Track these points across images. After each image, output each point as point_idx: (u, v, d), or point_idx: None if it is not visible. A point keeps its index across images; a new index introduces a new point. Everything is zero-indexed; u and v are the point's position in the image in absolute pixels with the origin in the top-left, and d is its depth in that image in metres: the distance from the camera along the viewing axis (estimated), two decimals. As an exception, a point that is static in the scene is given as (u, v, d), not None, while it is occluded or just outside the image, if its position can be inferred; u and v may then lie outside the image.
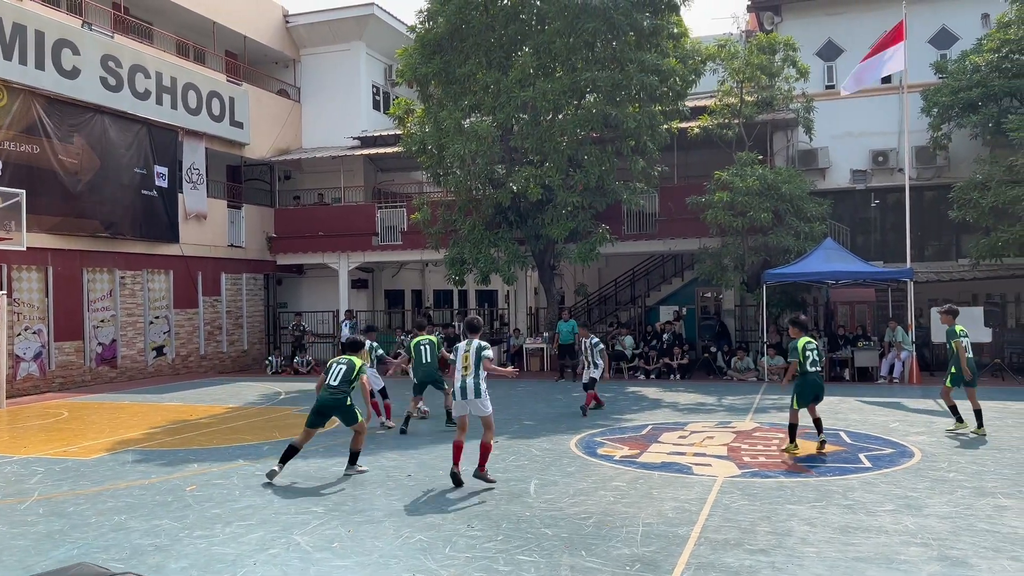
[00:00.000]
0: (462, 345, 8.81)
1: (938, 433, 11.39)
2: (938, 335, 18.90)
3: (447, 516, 7.33)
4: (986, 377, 18.34)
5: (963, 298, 21.49)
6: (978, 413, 11.17)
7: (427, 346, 12.73)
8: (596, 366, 13.96)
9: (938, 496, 7.79)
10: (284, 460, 9.07)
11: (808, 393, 10.16)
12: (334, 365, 9.59)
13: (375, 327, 16.20)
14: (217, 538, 6.81)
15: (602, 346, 14.35)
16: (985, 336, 18.42)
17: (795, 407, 10.15)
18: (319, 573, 5.92)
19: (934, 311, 19.14)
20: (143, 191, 21.74)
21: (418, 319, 12.38)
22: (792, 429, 10.13)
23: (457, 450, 8.65)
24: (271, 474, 8.94)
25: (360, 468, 9.41)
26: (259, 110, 26.21)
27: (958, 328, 11.50)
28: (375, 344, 13.31)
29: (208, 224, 24.22)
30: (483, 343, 8.76)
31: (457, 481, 8.44)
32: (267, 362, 24.14)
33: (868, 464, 9.36)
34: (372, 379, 12.73)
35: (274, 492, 8.40)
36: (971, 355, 11.36)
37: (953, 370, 11.38)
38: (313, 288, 28.09)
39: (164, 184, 22.41)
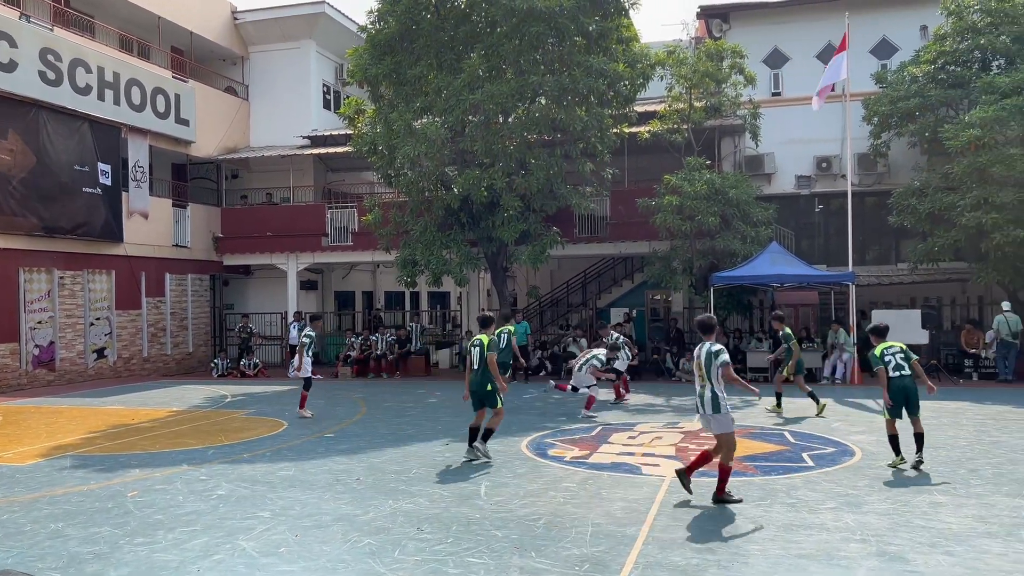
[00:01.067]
0: (697, 351, 7.92)
1: (878, 432, 11.69)
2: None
3: (396, 520, 7.28)
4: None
5: (902, 301, 22.16)
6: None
7: (478, 347, 9.95)
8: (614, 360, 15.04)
9: (877, 494, 8.01)
10: (472, 440, 9.87)
11: (897, 402, 9.19)
12: (472, 349, 9.81)
13: (319, 315, 17.08)
14: (159, 545, 6.65)
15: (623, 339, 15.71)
16: (922, 338, 19.01)
17: (887, 417, 9.31)
18: (265, 579, 5.82)
19: (875, 313, 19.71)
20: (85, 189, 21.14)
21: (504, 310, 9.85)
22: (892, 440, 9.25)
23: (702, 461, 8.03)
24: (474, 453, 9.72)
25: (484, 452, 9.84)
26: (206, 108, 25.71)
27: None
28: (312, 335, 14.20)
29: (152, 223, 23.65)
30: (718, 346, 7.77)
31: (685, 485, 7.86)
32: (213, 364, 23.67)
33: (811, 463, 9.59)
34: (305, 368, 13.93)
35: (219, 497, 8.24)
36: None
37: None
38: (261, 289, 27.65)
39: (107, 182, 21.82)
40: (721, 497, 7.66)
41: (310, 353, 14.09)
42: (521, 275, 29.45)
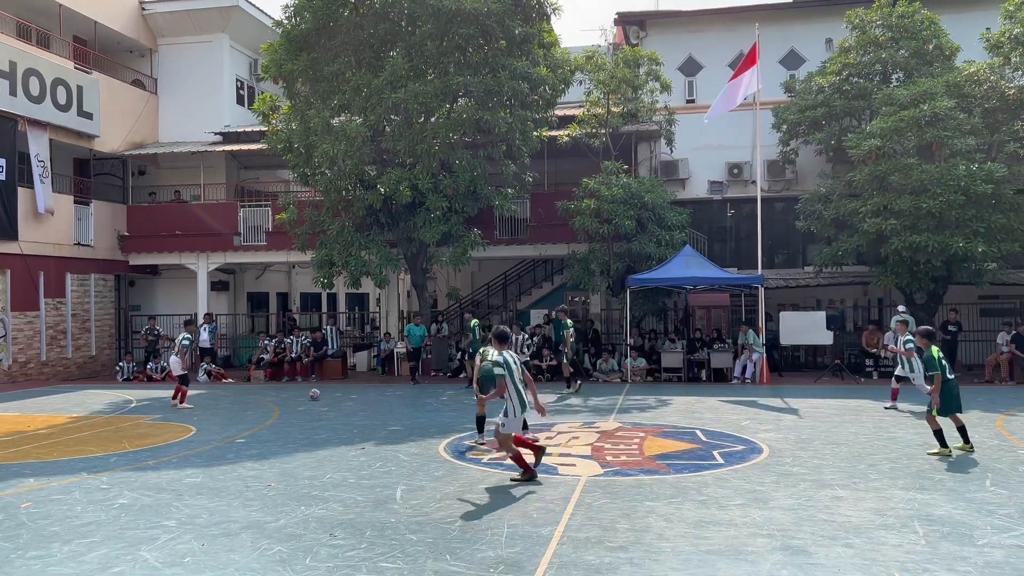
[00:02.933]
0: (508, 355, 8.84)
1: (784, 430, 12.14)
2: (787, 338, 20.22)
3: (309, 526, 7.11)
4: (827, 377, 19.77)
5: (808, 303, 23.05)
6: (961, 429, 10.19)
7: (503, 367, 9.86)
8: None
9: (783, 489, 8.29)
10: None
11: (953, 401, 9.87)
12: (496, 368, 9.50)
13: (192, 320, 19.80)
14: (54, 558, 6.31)
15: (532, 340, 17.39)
16: (827, 339, 19.82)
17: (936, 414, 9.80)
18: (168, 591, 5.59)
19: (783, 314, 20.44)
20: (-26, 183, 19.92)
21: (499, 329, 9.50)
22: (939, 435, 9.86)
23: (521, 460, 8.80)
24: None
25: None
26: (111, 101, 24.62)
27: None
28: (187, 336, 15.99)
29: (52, 221, 22.49)
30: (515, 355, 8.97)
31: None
32: (118, 368, 22.69)
33: (721, 461, 9.85)
34: (175, 366, 15.57)
35: (121, 507, 7.88)
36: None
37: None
38: (169, 290, 26.65)
39: (1, 176, 20.63)
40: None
41: (186, 356, 15.88)
42: (442, 276, 29.34)
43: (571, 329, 17.81)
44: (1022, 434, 11.50)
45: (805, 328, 19.87)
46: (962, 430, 10.02)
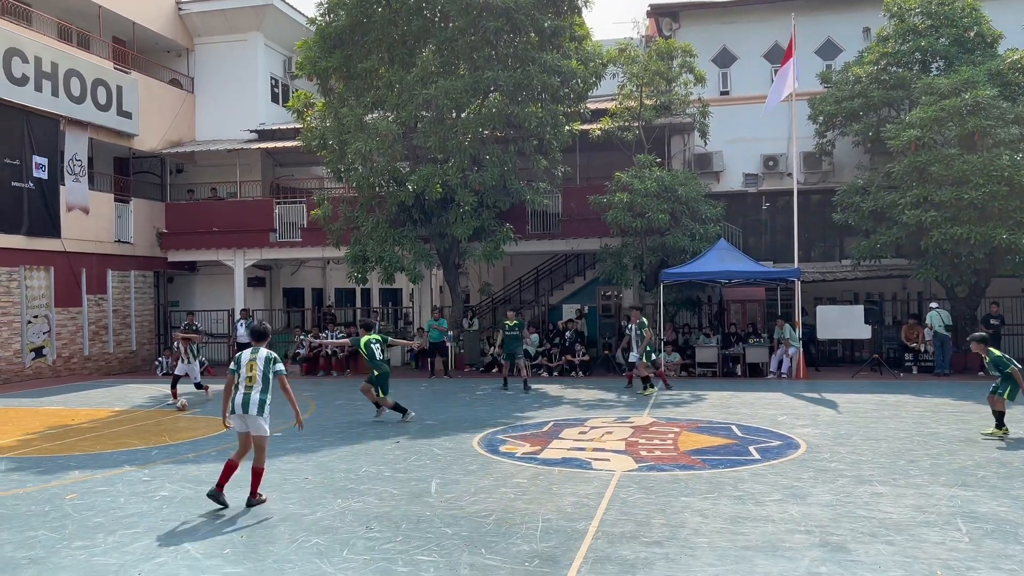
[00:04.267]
0: (246, 353, 7.91)
1: (822, 425, 11.99)
2: (824, 332, 19.95)
3: (345, 519, 7.19)
4: (865, 372, 19.47)
5: (845, 297, 22.72)
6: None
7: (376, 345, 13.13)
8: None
9: (821, 485, 8.18)
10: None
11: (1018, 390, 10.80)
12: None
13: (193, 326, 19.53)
14: (99, 548, 6.45)
15: (641, 332, 16.53)
16: (865, 333, 19.51)
17: (1007, 398, 10.77)
18: (209, 581, 5.69)
19: (820, 308, 20.16)
20: (14, 183, 20.35)
21: (364, 320, 14.31)
22: (1001, 416, 10.83)
23: (229, 470, 7.73)
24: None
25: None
26: (149, 100, 25.05)
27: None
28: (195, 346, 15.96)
29: (93, 218, 22.97)
30: (274, 354, 7.93)
31: (220, 501, 7.59)
32: (157, 363, 23.12)
33: (757, 456, 9.75)
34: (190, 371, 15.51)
35: (162, 499, 8.04)
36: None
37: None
38: (207, 286, 27.07)
39: (43, 176, 21.10)
40: (254, 500, 7.69)
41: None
42: (473, 272, 29.40)
43: (648, 328, 16.63)
44: (1069, 430, 11.23)
45: (842, 322, 19.58)
46: (1001, 415, 10.84)
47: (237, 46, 27.05)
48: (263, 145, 25.28)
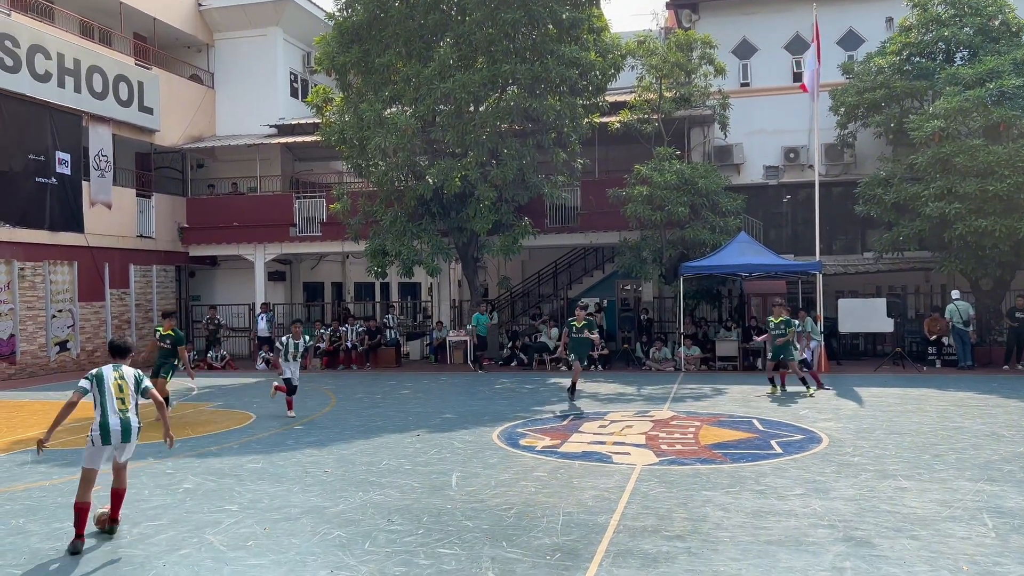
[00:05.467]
0: (108, 371, 6.95)
1: (844, 419, 11.88)
2: (846, 325, 19.75)
3: (367, 511, 7.22)
4: (887, 365, 19.28)
5: (867, 290, 22.48)
6: None
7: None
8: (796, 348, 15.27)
9: (844, 480, 8.11)
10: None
11: None
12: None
13: (299, 321, 15.69)
14: (124, 540, 6.53)
15: (800, 327, 15.57)
16: (888, 326, 19.32)
17: None
18: (234, 573, 5.74)
19: (841, 301, 19.96)
20: (38, 178, 20.57)
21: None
22: None
23: (84, 513, 6.47)
24: None
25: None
26: (170, 96, 25.23)
27: None
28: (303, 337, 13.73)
29: (116, 213, 23.19)
30: (139, 372, 7.20)
31: (78, 551, 6.28)
32: (179, 357, 23.29)
33: (779, 450, 9.69)
34: (291, 367, 13.32)
35: (186, 491, 8.12)
36: None
37: None
38: (228, 280, 27.26)
39: (67, 171, 21.33)
40: (116, 526, 6.80)
41: (286, 357, 13.20)
42: (492, 265, 29.40)
43: (797, 324, 15.14)
44: (1097, 425, 11.05)
45: (865, 315, 19.40)
46: None
47: (257, 41, 27.18)
48: (283, 140, 25.40)
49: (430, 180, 19.60)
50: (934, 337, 19.56)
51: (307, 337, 13.83)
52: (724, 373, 18.97)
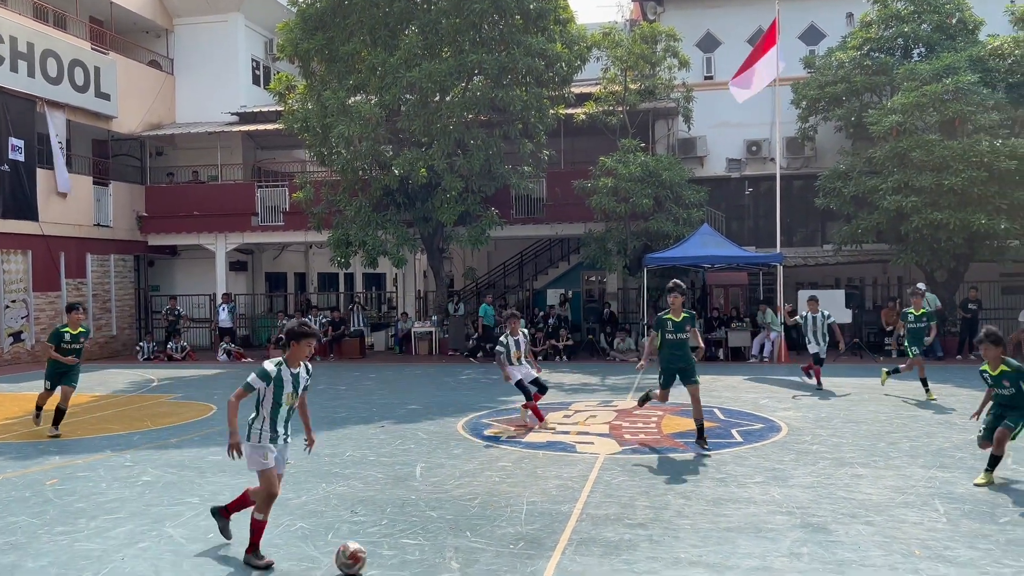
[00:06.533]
0: (286, 371, 5.90)
1: (803, 408, 12.10)
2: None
3: (330, 503, 7.19)
4: (846, 356, 19.66)
5: (827, 282, 22.89)
6: None
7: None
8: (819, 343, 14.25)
9: (802, 467, 8.27)
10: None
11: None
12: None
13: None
14: (81, 534, 6.41)
15: (833, 319, 14.54)
16: (846, 317, 19.67)
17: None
18: (194, 566, 5.68)
19: (801, 293, 20.28)
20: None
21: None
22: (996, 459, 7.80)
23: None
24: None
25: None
26: (128, 82, 24.69)
27: None
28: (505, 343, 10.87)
29: (72, 201, 22.67)
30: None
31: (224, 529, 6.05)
32: (138, 348, 22.94)
33: (740, 439, 9.84)
34: (518, 370, 10.83)
35: (145, 484, 7.99)
36: None
37: None
38: (188, 270, 26.85)
39: (20, 158, 20.79)
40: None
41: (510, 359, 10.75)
42: (458, 256, 29.33)
43: (913, 317, 13.10)
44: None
45: (824, 306, 19.66)
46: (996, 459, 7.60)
47: (217, 27, 26.69)
48: (244, 128, 25.03)
49: (395, 170, 19.49)
50: (891, 328, 19.98)
51: (525, 331, 11.28)
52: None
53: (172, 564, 5.71)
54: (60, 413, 10.72)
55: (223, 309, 23.02)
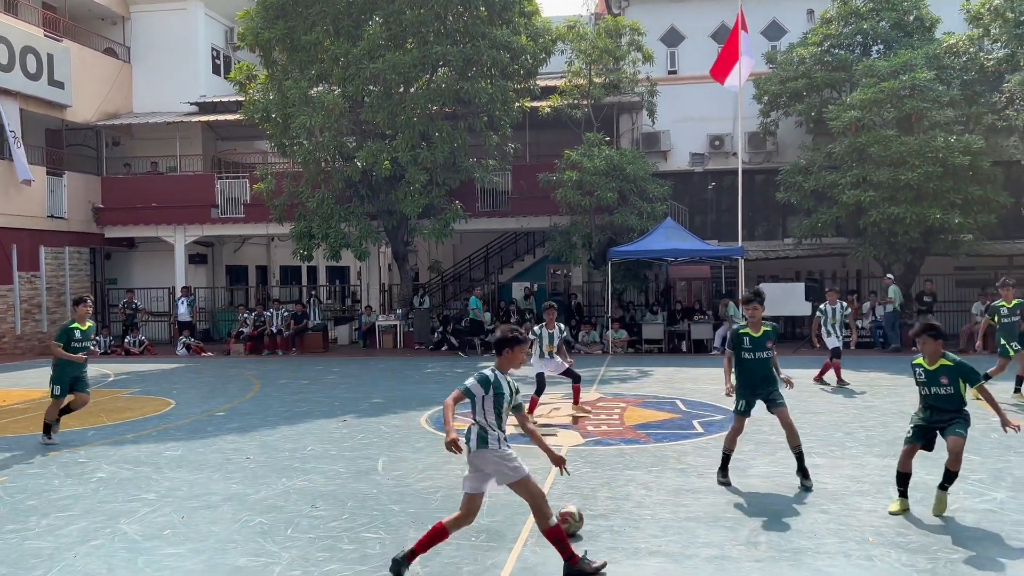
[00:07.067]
0: (503, 378, 5.32)
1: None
2: (766, 309, 20.29)
3: (290, 497, 7.10)
4: (805, 347, 19.96)
5: (787, 275, 23.20)
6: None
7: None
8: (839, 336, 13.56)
9: (761, 457, 8.38)
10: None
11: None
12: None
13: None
14: (32, 531, 6.26)
15: (849, 311, 13.93)
16: (806, 310, 19.97)
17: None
18: (149, 562, 5.57)
19: (762, 286, 20.53)
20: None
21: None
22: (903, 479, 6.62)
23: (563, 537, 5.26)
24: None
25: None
26: (83, 70, 24.09)
27: None
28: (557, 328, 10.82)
29: (25, 192, 22.09)
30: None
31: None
32: (95, 342, 22.43)
33: (701, 430, 9.94)
34: (546, 363, 10.65)
35: (99, 480, 7.83)
36: None
37: None
38: (146, 263, 26.34)
39: (-30, 147, 20.20)
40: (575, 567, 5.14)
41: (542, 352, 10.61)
42: (423, 249, 29.22)
43: (1006, 309, 11.74)
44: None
45: (784, 299, 20.00)
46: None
47: (176, 15, 26.16)
48: (204, 118, 24.60)
49: (359, 162, 19.31)
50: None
51: (561, 326, 11.05)
52: (650, 356, 19.33)
53: (126, 561, 5.60)
54: (59, 419, 9.80)
55: (182, 303, 22.65)
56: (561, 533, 5.21)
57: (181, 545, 5.90)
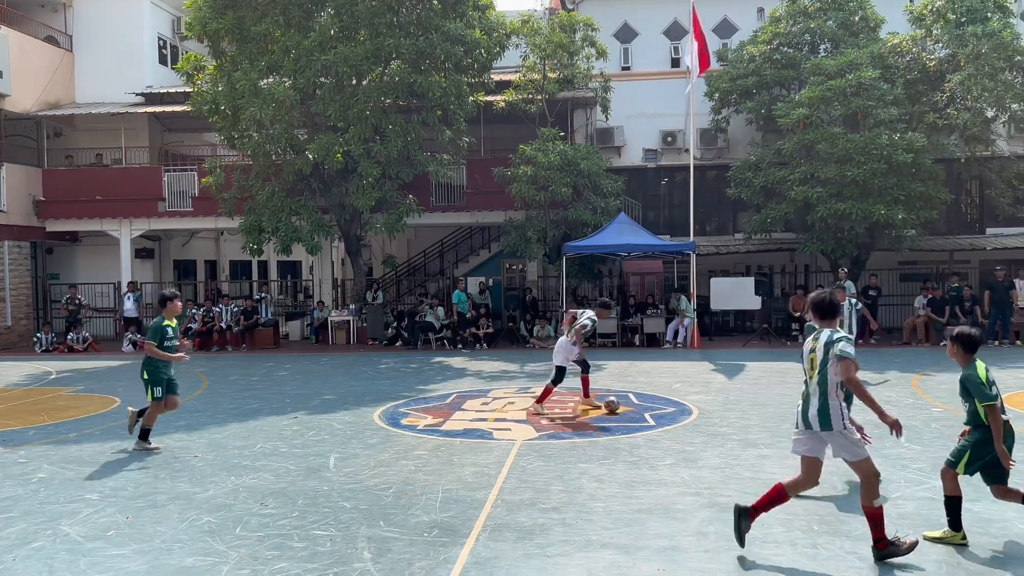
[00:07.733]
0: (808, 341, 5.53)
1: (713, 392, 12.44)
2: (717, 303, 20.63)
3: (239, 496, 6.99)
4: (755, 341, 20.33)
5: (738, 270, 23.58)
6: None
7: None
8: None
9: (711, 449, 8.50)
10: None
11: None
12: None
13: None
14: (-33, 536, 6.05)
15: (860, 305, 13.37)
16: (756, 304, 20.33)
17: (962, 470, 5.70)
18: (91, 564, 5.43)
19: (713, 280, 20.85)
20: None
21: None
22: (955, 505, 5.76)
23: (779, 498, 5.60)
24: None
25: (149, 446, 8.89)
26: (22, 58, 23.28)
27: None
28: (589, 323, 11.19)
29: (-40, 184, 21.30)
30: (839, 333, 5.38)
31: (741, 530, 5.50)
32: (36, 339, 21.81)
33: (652, 422, 10.05)
34: (567, 349, 11.00)
35: (40, 481, 7.60)
36: None
37: None
38: (91, 258, 25.62)
39: (-99, 137, 19.39)
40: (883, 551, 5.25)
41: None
42: (376, 244, 28.96)
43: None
44: (935, 393, 12.04)
45: (734, 294, 20.33)
46: (955, 504, 5.70)
47: (120, 3, 25.41)
48: (150, 109, 24.00)
49: (310, 155, 19.06)
50: (798, 314, 20.73)
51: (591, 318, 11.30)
52: (604, 349, 19.47)
53: (68, 563, 5.45)
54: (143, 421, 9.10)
55: (128, 298, 22.10)
56: (878, 516, 5.30)
57: (125, 546, 5.76)
